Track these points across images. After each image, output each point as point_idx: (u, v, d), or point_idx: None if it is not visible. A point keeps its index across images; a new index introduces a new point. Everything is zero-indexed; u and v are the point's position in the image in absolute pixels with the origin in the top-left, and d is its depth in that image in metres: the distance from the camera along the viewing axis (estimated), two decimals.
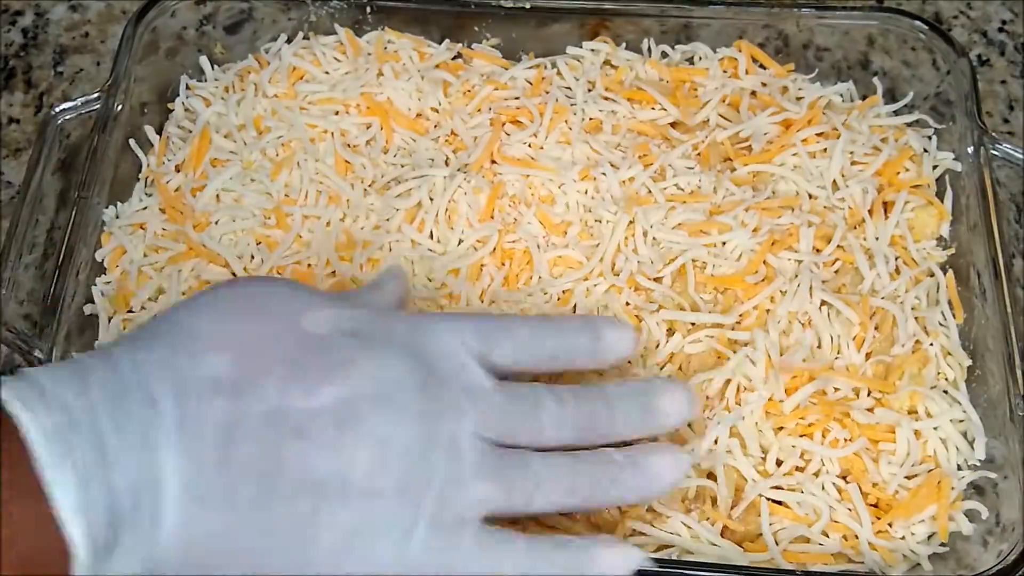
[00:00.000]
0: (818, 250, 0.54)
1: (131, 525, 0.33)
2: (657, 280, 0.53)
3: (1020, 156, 0.54)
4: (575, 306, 0.52)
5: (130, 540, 0.33)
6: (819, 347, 0.51)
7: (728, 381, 0.49)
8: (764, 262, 0.53)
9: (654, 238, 0.54)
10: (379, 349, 0.38)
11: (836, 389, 0.50)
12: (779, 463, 0.48)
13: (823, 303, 0.51)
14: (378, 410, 0.36)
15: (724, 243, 0.53)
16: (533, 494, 0.39)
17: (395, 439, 0.36)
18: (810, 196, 0.56)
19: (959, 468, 0.49)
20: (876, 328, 0.51)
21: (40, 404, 0.33)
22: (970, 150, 0.55)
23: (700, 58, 0.61)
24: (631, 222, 0.54)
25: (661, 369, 0.51)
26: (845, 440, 0.48)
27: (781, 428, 0.49)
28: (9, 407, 0.32)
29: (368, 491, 0.36)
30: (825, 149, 0.57)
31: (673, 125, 0.59)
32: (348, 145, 0.58)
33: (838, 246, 0.53)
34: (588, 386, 0.44)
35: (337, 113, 0.59)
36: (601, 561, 0.39)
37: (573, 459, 0.40)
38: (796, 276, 0.52)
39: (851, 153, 0.57)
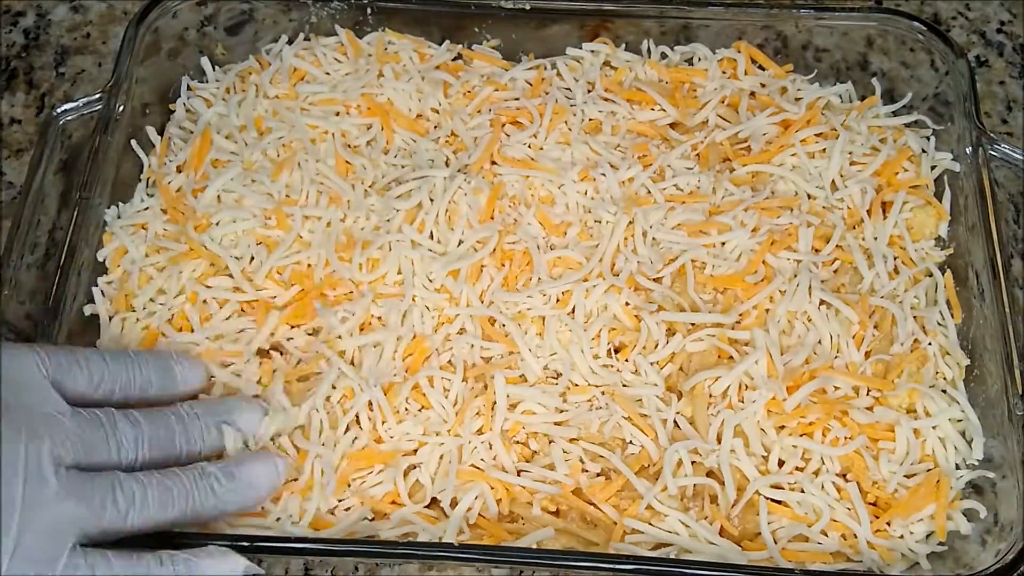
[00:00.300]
0: (817, 250, 0.54)
1: None
2: (657, 280, 0.53)
3: (1019, 156, 0.54)
4: (574, 308, 0.52)
5: None
6: (819, 343, 0.51)
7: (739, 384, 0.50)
8: (763, 262, 0.53)
9: (654, 238, 0.54)
10: None
11: (836, 388, 0.50)
12: (780, 464, 0.48)
13: (822, 302, 0.52)
14: None
15: (724, 243, 0.54)
16: (127, 511, 0.41)
17: None
18: (809, 196, 0.56)
19: (957, 467, 0.49)
20: (875, 327, 0.51)
21: None
22: (968, 150, 0.55)
23: (699, 59, 0.62)
24: (630, 222, 0.54)
25: (662, 368, 0.51)
26: (846, 438, 0.48)
27: (783, 427, 0.49)
28: None
29: None
30: (824, 149, 0.57)
31: (672, 126, 0.59)
32: (348, 146, 0.58)
33: (837, 246, 0.54)
34: (161, 408, 0.45)
35: (338, 114, 0.59)
36: (202, 568, 0.42)
37: (164, 475, 0.43)
38: (795, 276, 0.52)
39: (850, 153, 0.57)
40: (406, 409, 0.49)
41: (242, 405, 0.47)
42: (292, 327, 0.52)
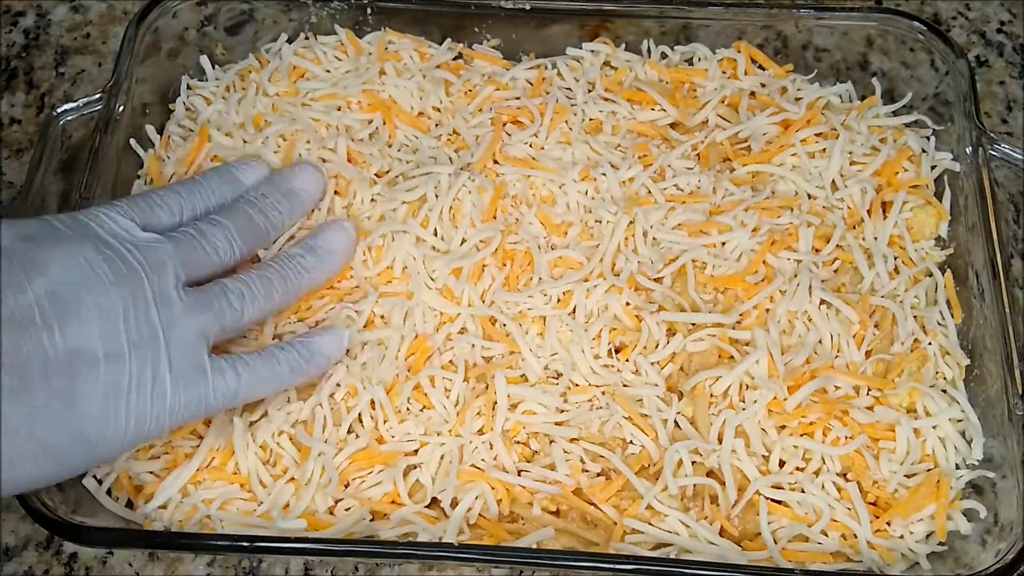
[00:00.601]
0: (817, 250, 0.54)
1: None
2: (657, 280, 0.53)
3: (1018, 156, 0.54)
4: (575, 308, 0.52)
5: None
6: (819, 343, 0.51)
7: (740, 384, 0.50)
8: (764, 262, 0.53)
9: (654, 238, 0.54)
10: (59, 243, 0.43)
11: (836, 388, 0.50)
12: (781, 464, 0.48)
13: (822, 302, 0.52)
14: (85, 290, 0.42)
15: (724, 243, 0.54)
16: (241, 309, 0.47)
17: (112, 309, 0.42)
18: (809, 196, 0.56)
19: (957, 467, 0.49)
20: (876, 326, 0.51)
21: None
22: (968, 150, 0.55)
23: (699, 59, 0.62)
24: (631, 222, 0.54)
25: (662, 368, 0.51)
26: (846, 438, 0.48)
27: (783, 427, 0.49)
28: None
29: (110, 355, 0.41)
30: (824, 149, 0.57)
31: (672, 126, 0.59)
32: (352, 139, 0.58)
33: (837, 246, 0.54)
34: (235, 202, 0.51)
35: (339, 109, 0.59)
36: (318, 348, 0.48)
37: (260, 268, 0.49)
38: (796, 276, 0.52)
39: (850, 153, 0.57)
40: (407, 409, 0.49)
41: (296, 168, 0.53)
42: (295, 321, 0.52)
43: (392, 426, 0.49)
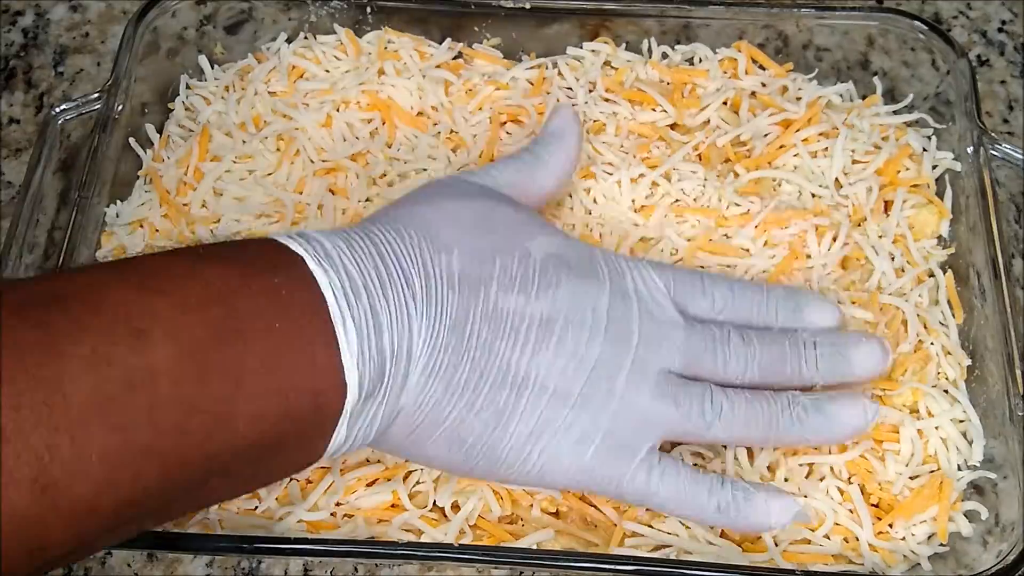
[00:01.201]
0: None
1: (385, 383, 0.38)
2: None
3: (1019, 156, 0.54)
4: None
5: (382, 395, 0.39)
6: None
7: None
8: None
9: (661, 250, 0.54)
10: (584, 279, 0.43)
11: None
12: (786, 481, 0.48)
13: None
14: (576, 329, 0.42)
15: (735, 266, 0.53)
16: (712, 422, 0.43)
17: (587, 356, 0.41)
18: (813, 196, 0.56)
19: (959, 468, 0.49)
20: (885, 325, 0.51)
21: (328, 265, 0.38)
22: (969, 150, 0.55)
23: (700, 59, 0.61)
24: (635, 225, 0.54)
25: None
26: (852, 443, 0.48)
27: None
28: (307, 263, 0.38)
29: (558, 395, 0.41)
30: (827, 149, 0.57)
31: (672, 126, 0.59)
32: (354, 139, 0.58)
33: (844, 243, 0.53)
34: (779, 331, 0.46)
35: (339, 109, 0.59)
36: (757, 507, 0.43)
37: (754, 395, 0.44)
38: (807, 282, 0.52)
39: (852, 152, 0.57)
40: None
41: (863, 341, 0.46)
42: None
43: None
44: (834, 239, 0.54)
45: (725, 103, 0.59)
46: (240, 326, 0.35)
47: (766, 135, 0.58)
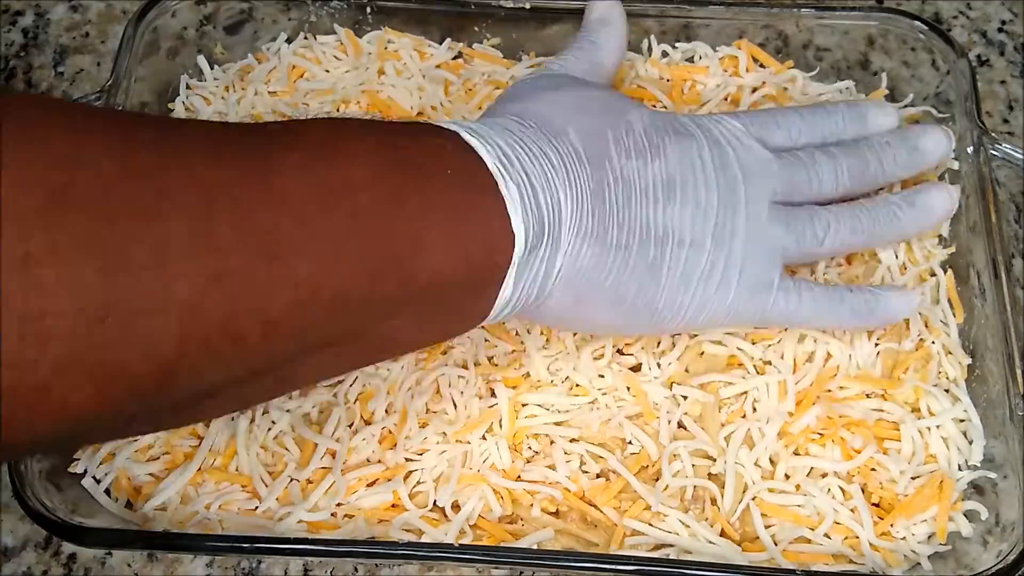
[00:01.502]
0: None
1: (545, 239, 0.41)
2: None
3: (1020, 156, 0.54)
4: None
5: (543, 251, 0.42)
6: (829, 357, 0.51)
7: (745, 393, 0.50)
8: None
9: None
10: (683, 137, 0.46)
11: (842, 388, 0.50)
12: (787, 477, 0.48)
13: None
14: (692, 182, 0.45)
15: None
16: (823, 237, 0.48)
17: (708, 204, 0.45)
18: None
19: (959, 468, 0.49)
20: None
21: (483, 140, 0.41)
22: (970, 150, 0.55)
23: (700, 57, 0.61)
24: None
25: (668, 365, 0.50)
26: (854, 450, 0.48)
27: (790, 435, 0.49)
28: (462, 135, 0.41)
29: (695, 244, 0.45)
30: None
31: None
32: None
33: None
34: (852, 140, 0.51)
35: (339, 109, 0.59)
36: (888, 303, 0.49)
37: (852, 206, 0.50)
38: (812, 273, 0.52)
39: None
40: (427, 411, 0.49)
41: (928, 131, 0.53)
42: None
43: (411, 428, 0.49)
44: None
45: (726, 99, 0.59)
46: (421, 165, 0.39)
47: None
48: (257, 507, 0.48)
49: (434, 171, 0.39)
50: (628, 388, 0.50)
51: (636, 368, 0.51)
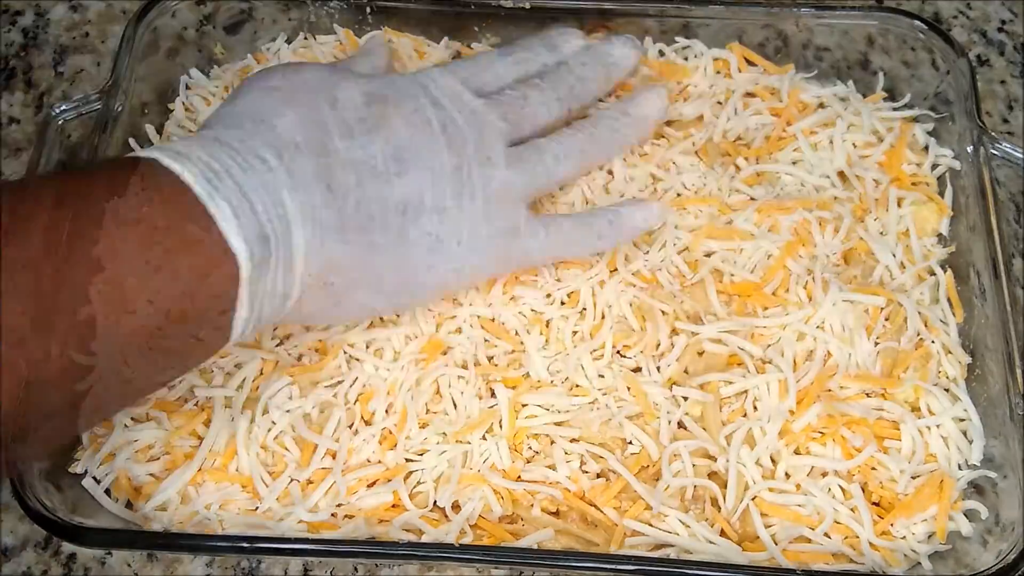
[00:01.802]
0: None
1: (272, 244, 0.40)
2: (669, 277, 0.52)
3: (1019, 156, 0.54)
4: (584, 309, 0.52)
5: (274, 262, 0.40)
6: (829, 355, 0.51)
7: (745, 391, 0.50)
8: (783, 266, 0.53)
9: (664, 242, 0.54)
10: (403, 104, 0.46)
11: (842, 387, 0.50)
12: (787, 476, 0.48)
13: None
14: (420, 148, 0.46)
15: (742, 250, 0.53)
16: (554, 167, 0.50)
17: (440, 166, 0.46)
18: (816, 189, 0.56)
19: (959, 468, 0.49)
20: (887, 319, 0.51)
21: (185, 160, 0.39)
22: (969, 149, 0.55)
23: (695, 56, 0.61)
24: None
25: (668, 366, 0.50)
26: (855, 449, 0.48)
27: (791, 433, 0.49)
28: (162, 161, 0.39)
29: (435, 207, 0.45)
30: (831, 141, 0.57)
31: (668, 123, 0.59)
32: None
33: (847, 234, 0.53)
34: (554, 66, 0.53)
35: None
36: (630, 217, 0.51)
37: (572, 128, 0.52)
38: (810, 272, 0.52)
39: (854, 146, 0.57)
40: (427, 411, 0.49)
41: (614, 39, 0.56)
42: None
43: (411, 429, 0.49)
44: (836, 231, 0.54)
45: (720, 103, 0.59)
46: (110, 211, 0.37)
47: (765, 125, 0.58)
48: (257, 507, 0.48)
49: (127, 219, 0.37)
50: (628, 388, 0.50)
51: (636, 369, 0.51)
